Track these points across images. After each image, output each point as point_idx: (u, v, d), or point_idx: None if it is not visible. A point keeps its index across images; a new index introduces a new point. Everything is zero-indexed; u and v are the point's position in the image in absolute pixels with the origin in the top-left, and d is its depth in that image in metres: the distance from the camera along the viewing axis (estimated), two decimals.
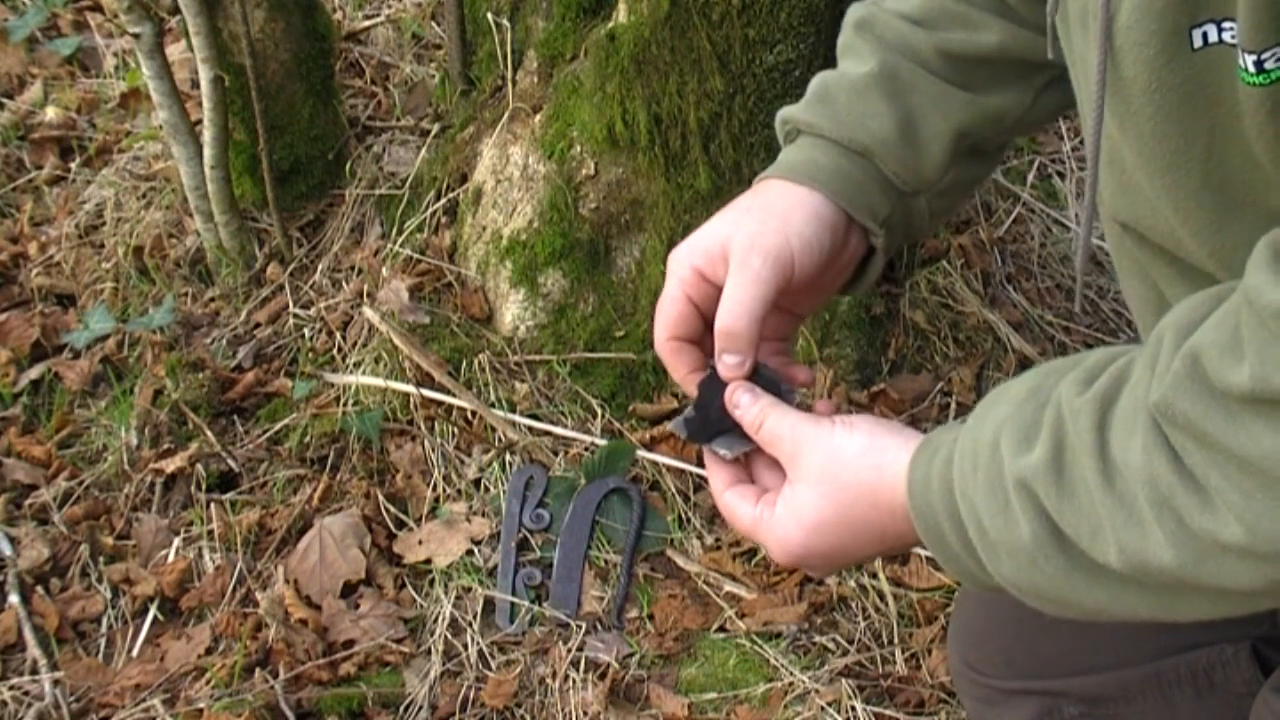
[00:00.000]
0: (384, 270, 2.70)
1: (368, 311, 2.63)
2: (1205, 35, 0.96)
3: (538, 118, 2.59)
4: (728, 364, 1.18)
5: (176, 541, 2.42)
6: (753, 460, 1.19)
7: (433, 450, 2.49)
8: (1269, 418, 0.86)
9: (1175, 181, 1.03)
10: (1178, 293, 1.11)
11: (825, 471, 1.10)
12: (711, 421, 1.19)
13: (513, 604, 2.32)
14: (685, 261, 1.22)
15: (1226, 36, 0.94)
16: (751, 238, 1.20)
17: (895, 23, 1.31)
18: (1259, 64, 0.92)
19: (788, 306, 1.27)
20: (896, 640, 2.27)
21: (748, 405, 1.16)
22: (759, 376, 1.19)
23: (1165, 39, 0.97)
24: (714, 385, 1.19)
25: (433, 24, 3.35)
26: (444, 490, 2.46)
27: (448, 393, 2.52)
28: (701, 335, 1.22)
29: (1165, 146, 1.02)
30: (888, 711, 2.17)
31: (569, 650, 2.24)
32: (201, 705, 2.16)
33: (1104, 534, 0.94)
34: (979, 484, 1.01)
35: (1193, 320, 0.93)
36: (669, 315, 1.23)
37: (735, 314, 1.17)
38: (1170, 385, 0.91)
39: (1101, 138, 1.08)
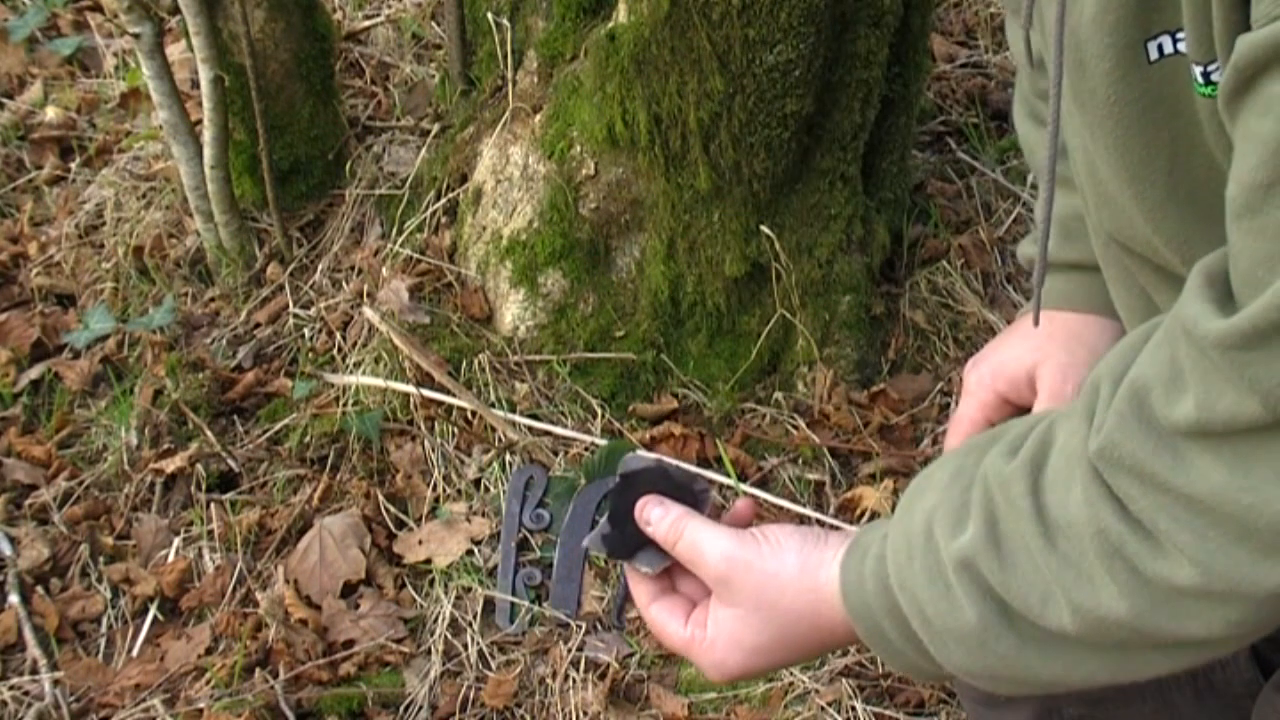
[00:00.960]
0: (384, 270, 2.70)
1: (368, 311, 2.63)
2: (1160, 47, 0.96)
3: (538, 118, 2.59)
4: None
5: (176, 541, 2.42)
6: (674, 570, 1.15)
7: (433, 450, 2.49)
8: (1216, 452, 0.85)
9: (1142, 192, 1.03)
10: (1165, 299, 1.11)
11: (761, 599, 1.08)
12: (629, 535, 1.14)
13: (513, 604, 2.32)
14: (989, 385, 1.29)
15: (1182, 46, 0.94)
16: (1064, 369, 1.27)
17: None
18: (1206, 76, 0.92)
19: None
20: None
21: (659, 520, 1.13)
22: (669, 481, 1.14)
23: (1119, 53, 0.97)
24: (627, 495, 1.14)
25: (433, 24, 3.35)
26: (444, 490, 2.46)
27: (448, 393, 2.52)
28: None
29: (1130, 158, 1.02)
30: (888, 711, 2.17)
31: (569, 650, 2.24)
32: (201, 705, 2.16)
33: (1054, 598, 0.93)
34: (917, 573, 0.99)
35: (1126, 366, 0.92)
36: (965, 433, 1.28)
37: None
38: (1115, 426, 0.90)
39: (1078, 151, 1.09)
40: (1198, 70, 0.92)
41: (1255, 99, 0.82)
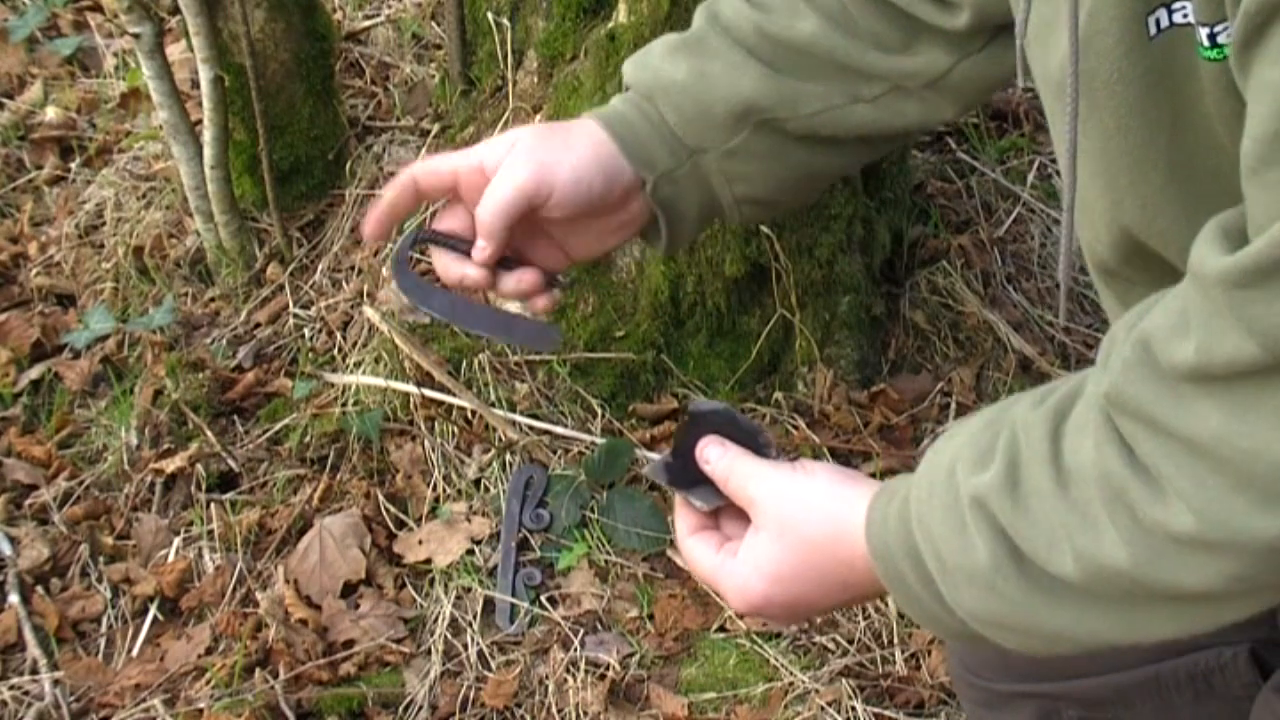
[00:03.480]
0: (384, 270, 2.70)
1: (368, 311, 2.63)
2: (1159, 21, 0.95)
3: (538, 118, 2.59)
4: (477, 248, 1.27)
5: (176, 541, 2.42)
6: (723, 512, 1.18)
7: (433, 450, 2.49)
8: (1217, 397, 0.85)
9: (1142, 176, 1.02)
10: None
11: (786, 522, 1.10)
12: (690, 469, 1.18)
13: (513, 604, 2.32)
14: (443, 167, 1.30)
15: (1178, 17, 0.94)
16: (529, 149, 1.27)
17: (733, 2, 1.36)
18: (1213, 38, 0.90)
19: (558, 237, 1.33)
20: (896, 640, 2.27)
21: (716, 459, 1.16)
22: (736, 427, 1.18)
23: (1122, 27, 0.96)
24: (692, 432, 1.18)
25: (433, 24, 3.35)
26: (444, 490, 2.46)
27: (448, 392, 2.52)
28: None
29: (1130, 140, 1.01)
30: (888, 712, 2.17)
31: (569, 650, 2.25)
32: (201, 705, 2.16)
33: (1060, 543, 0.93)
34: (935, 509, 1.00)
35: (1142, 317, 0.93)
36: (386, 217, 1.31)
37: (486, 207, 1.26)
38: (1121, 371, 0.90)
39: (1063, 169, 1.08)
40: (1204, 33, 0.91)
41: (1267, 47, 0.81)
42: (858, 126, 1.36)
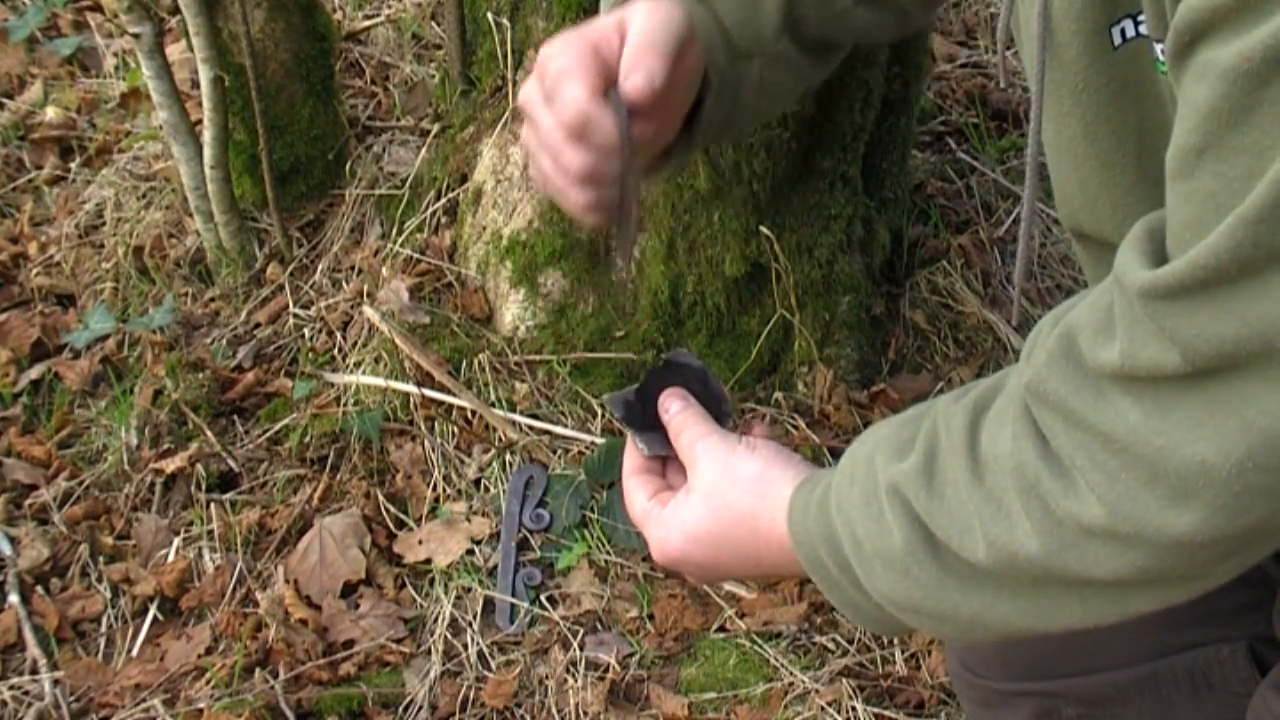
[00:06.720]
0: (384, 270, 2.70)
1: (368, 311, 2.63)
2: (1124, 32, 0.98)
3: None
4: (635, 84, 1.13)
5: (176, 541, 2.42)
6: (671, 461, 1.22)
7: (433, 450, 2.49)
8: (1137, 395, 0.88)
9: (1112, 179, 1.05)
10: None
11: (715, 488, 1.13)
12: (649, 412, 1.21)
13: (513, 604, 2.32)
14: (575, 42, 1.17)
15: (1143, 29, 0.97)
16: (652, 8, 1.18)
17: None
18: (1164, 52, 0.93)
19: (655, 119, 1.22)
20: (896, 640, 2.27)
21: (675, 412, 1.19)
22: (704, 386, 1.21)
23: (1086, 39, 0.99)
24: (661, 379, 1.21)
25: (433, 24, 3.35)
26: (444, 490, 2.46)
27: (448, 392, 2.52)
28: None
29: (1100, 145, 1.04)
30: (888, 712, 2.17)
31: (569, 650, 2.25)
32: (201, 705, 2.16)
33: (973, 531, 0.96)
34: (854, 496, 1.03)
35: (1069, 311, 0.95)
36: (590, 68, 1.15)
37: (649, 31, 1.14)
38: (1044, 363, 0.93)
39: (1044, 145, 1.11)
40: (1159, 48, 0.94)
41: (1192, 64, 0.84)
42: (857, 31, 1.37)
